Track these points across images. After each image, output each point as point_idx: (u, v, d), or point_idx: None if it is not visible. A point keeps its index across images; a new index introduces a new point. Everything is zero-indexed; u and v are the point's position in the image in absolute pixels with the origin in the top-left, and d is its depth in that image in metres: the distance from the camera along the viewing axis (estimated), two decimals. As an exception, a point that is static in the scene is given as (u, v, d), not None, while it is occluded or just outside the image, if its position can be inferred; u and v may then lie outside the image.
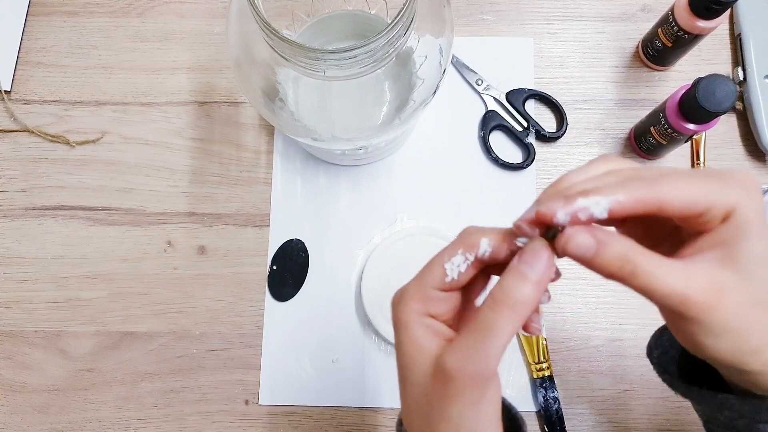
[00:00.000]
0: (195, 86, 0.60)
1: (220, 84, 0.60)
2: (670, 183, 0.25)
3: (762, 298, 0.26)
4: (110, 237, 0.57)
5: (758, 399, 0.30)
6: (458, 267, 0.29)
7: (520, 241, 0.27)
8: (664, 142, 0.53)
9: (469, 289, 0.31)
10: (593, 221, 0.26)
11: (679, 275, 0.25)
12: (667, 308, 0.26)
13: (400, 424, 0.32)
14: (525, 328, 0.29)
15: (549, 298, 0.29)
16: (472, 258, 0.29)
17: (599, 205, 0.25)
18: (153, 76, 0.61)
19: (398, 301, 0.29)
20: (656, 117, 0.52)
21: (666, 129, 0.51)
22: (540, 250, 0.27)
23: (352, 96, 0.51)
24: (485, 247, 0.28)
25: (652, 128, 0.53)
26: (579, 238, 0.26)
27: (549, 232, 0.27)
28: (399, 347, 0.29)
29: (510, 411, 0.35)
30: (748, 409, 0.30)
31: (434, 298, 0.29)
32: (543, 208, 0.26)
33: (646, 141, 0.55)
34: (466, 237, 0.29)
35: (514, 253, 0.28)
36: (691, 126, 0.49)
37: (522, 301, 0.26)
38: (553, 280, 0.28)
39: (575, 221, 0.26)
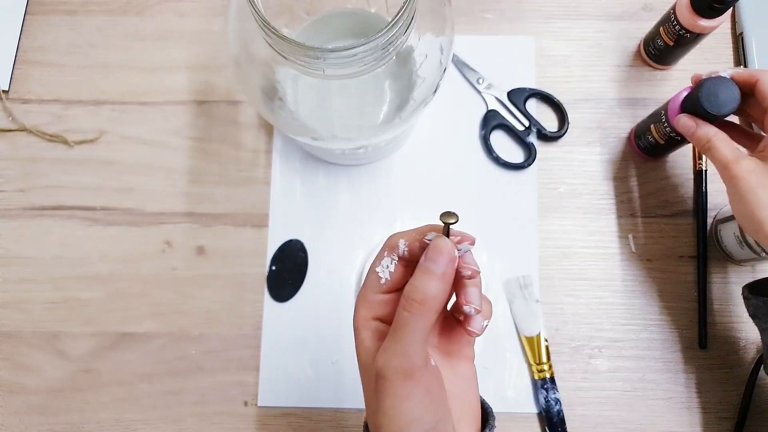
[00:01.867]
0: (194, 85, 0.60)
1: (219, 83, 0.60)
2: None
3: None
4: (108, 237, 0.57)
5: None
6: (387, 269, 0.32)
7: (428, 238, 0.30)
8: (663, 142, 0.52)
9: None
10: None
11: (732, 152, 0.43)
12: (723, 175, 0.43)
13: (365, 425, 0.34)
14: (465, 324, 0.31)
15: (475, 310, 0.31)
16: (396, 258, 0.32)
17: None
18: (151, 75, 0.60)
19: (354, 311, 0.32)
20: (657, 116, 0.52)
21: (666, 129, 0.51)
22: (440, 245, 0.29)
23: (352, 95, 0.50)
24: (402, 246, 0.31)
25: (652, 126, 0.53)
26: (683, 120, 0.46)
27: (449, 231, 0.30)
28: (356, 352, 0.32)
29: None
30: None
31: (377, 302, 0.32)
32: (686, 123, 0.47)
33: (645, 140, 0.55)
34: (388, 241, 0.32)
35: (423, 246, 0.31)
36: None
37: (430, 295, 0.28)
38: (470, 278, 0.30)
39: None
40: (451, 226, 0.30)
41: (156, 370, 0.54)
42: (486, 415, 0.34)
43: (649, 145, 0.55)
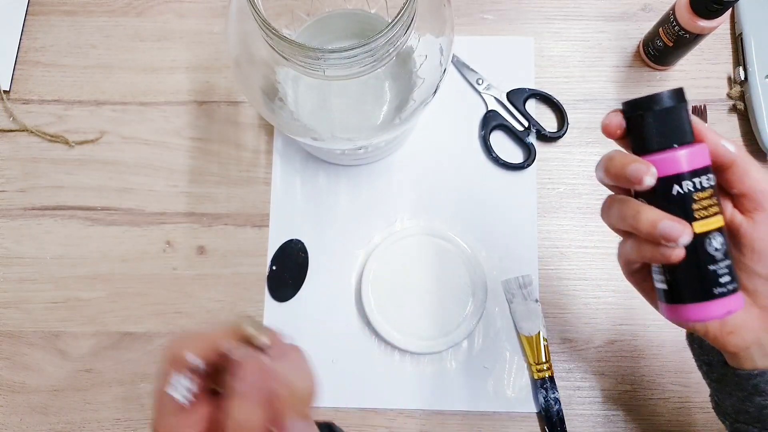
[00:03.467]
0: (194, 86, 0.60)
1: (220, 83, 0.60)
2: None
3: None
4: (109, 237, 0.57)
5: (745, 378, 0.33)
6: (182, 385, 0.27)
7: (226, 349, 0.27)
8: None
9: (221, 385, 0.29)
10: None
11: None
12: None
13: None
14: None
15: None
16: (190, 375, 0.27)
17: None
18: (152, 75, 0.61)
19: None
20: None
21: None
22: (248, 362, 0.26)
23: (352, 95, 0.50)
24: (193, 360, 0.27)
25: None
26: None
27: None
28: None
29: None
30: (741, 391, 0.33)
31: (181, 426, 0.27)
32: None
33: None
34: (170, 354, 0.28)
35: (224, 358, 0.27)
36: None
37: (252, 423, 0.25)
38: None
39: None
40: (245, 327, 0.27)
41: (157, 370, 0.54)
42: None
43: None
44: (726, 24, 0.60)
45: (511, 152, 0.59)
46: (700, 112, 0.58)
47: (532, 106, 0.60)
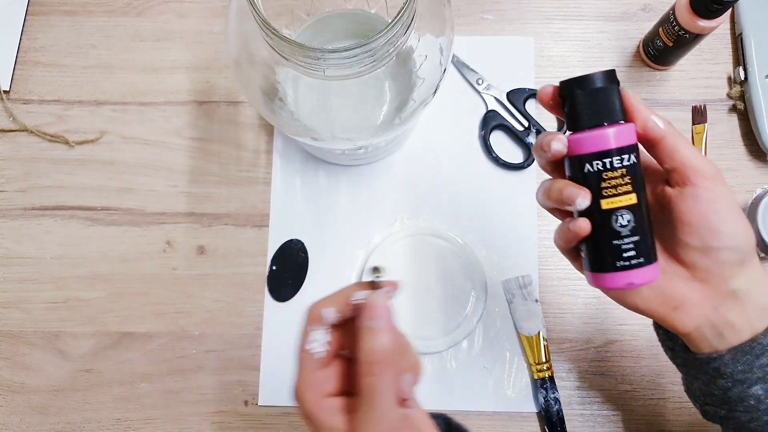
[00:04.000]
0: (194, 86, 0.60)
1: (220, 83, 0.60)
2: None
3: None
4: (109, 237, 0.57)
5: (749, 353, 0.33)
6: (320, 341, 0.31)
7: (357, 299, 0.31)
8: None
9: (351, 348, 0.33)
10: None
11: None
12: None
13: None
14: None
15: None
16: (328, 328, 0.32)
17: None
18: (152, 75, 0.61)
19: (297, 399, 0.31)
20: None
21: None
22: (374, 302, 0.30)
23: (352, 95, 0.50)
24: (331, 314, 0.31)
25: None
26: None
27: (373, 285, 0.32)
28: None
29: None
30: (740, 367, 0.34)
31: (321, 379, 0.31)
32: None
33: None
34: (311, 313, 0.32)
35: (356, 307, 0.31)
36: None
37: (386, 352, 0.29)
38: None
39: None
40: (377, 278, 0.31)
41: (157, 370, 0.55)
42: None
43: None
44: (726, 24, 0.60)
45: (511, 152, 0.59)
46: (701, 112, 0.58)
47: (532, 106, 0.60)
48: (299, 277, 0.56)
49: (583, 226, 0.33)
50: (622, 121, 0.33)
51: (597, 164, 0.33)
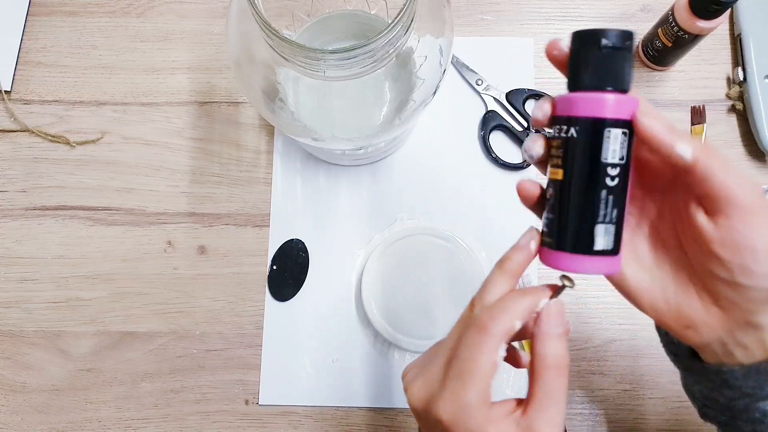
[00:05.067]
0: (195, 86, 0.60)
1: (220, 84, 0.60)
2: None
3: None
4: (110, 237, 0.57)
5: (764, 374, 0.32)
6: (502, 353, 0.31)
7: (540, 307, 0.32)
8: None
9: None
10: None
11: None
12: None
13: None
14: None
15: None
16: (507, 343, 0.32)
17: None
18: (153, 76, 0.61)
19: (462, 420, 0.30)
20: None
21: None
22: (559, 311, 0.32)
23: (352, 96, 0.51)
24: (519, 326, 0.31)
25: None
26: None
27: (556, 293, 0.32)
28: None
29: None
30: (752, 383, 0.32)
31: (490, 394, 0.31)
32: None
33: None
34: (501, 324, 0.31)
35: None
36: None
37: (566, 356, 0.31)
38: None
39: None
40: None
41: (157, 369, 0.55)
42: None
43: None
44: (725, 24, 0.60)
45: (511, 152, 0.59)
46: (700, 112, 0.58)
47: (532, 107, 0.60)
48: (300, 276, 0.56)
49: (531, 145, 0.32)
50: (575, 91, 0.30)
51: (551, 131, 0.31)
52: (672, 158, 0.29)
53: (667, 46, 0.55)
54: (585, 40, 0.30)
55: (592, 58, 0.30)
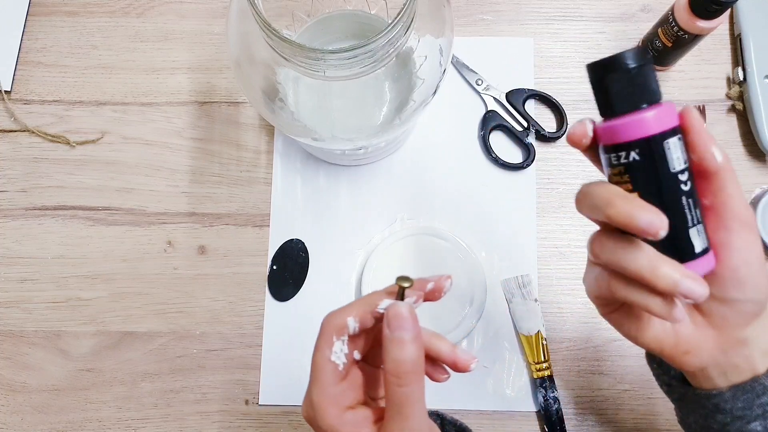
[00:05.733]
0: (195, 86, 0.60)
1: (220, 84, 0.60)
2: None
3: None
4: (110, 237, 0.57)
5: (750, 392, 0.32)
6: (342, 352, 0.31)
7: (381, 308, 0.31)
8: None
9: (371, 358, 0.33)
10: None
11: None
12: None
13: None
14: (458, 370, 0.32)
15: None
16: (346, 339, 0.31)
17: None
18: (153, 76, 0.61)
19: (313, 417, 0.30)
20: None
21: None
22: (400, 311, 0.30)
23: (352, 96, 0.51)
24: (353, 324, 0.31)
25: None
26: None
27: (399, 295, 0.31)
28: None
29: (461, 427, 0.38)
30: (740, 404, 0.33)
31: (340, 393, 0.31)
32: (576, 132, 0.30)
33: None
34: (332, 323, 0.31)
35: (378, 318, 0.31)
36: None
37: (414, 361, 0.29)
38: (435, 299, 0.32)
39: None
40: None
41: (158, 369, 0.55)
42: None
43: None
44: (725, 24, 0.60)
45: (511, 152, 0.59)
46: (700, 112, 0.58)
47: (532, 107, 0.60)
48: (300, 276, 0.56)
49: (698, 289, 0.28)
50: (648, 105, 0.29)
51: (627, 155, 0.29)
52: (705, 159, 0.29)
53: (667, 46, 0.55)
54: (608, 68, 0.31)
55: (625, 82, 0.30)
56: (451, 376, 0.34)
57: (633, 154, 0.29)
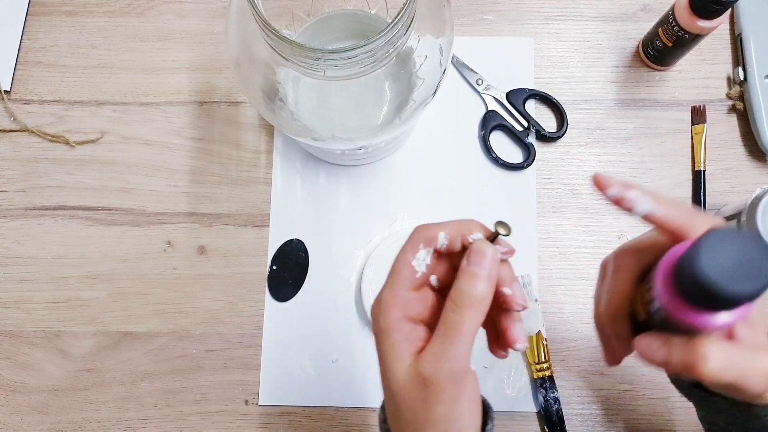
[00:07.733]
0: (195, 86, 0.60)
1: (220, 84, 0.60)
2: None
3: None
4: (110, 237, 0.57)
5: (745, 406, 0.32)
6: (424, 261, 0.31)
7: (472, 238, 0.30)
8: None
9: (443, 291, 0.32)
10: (629, 210, 0.30)
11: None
12: None
13: (383, 421, 0.33)
14: (507, 344, 0.31)
15: (523, 306, 0.31)
16: (432, 251, 0.31)
17: (643, 205, 0.30)
18: (153, 75, 0.61)
19: (378, 311, 0.30)
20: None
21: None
22: (484, 249, 0.29)
23: (352, 96, 0.51)
24: (443, 240, 0.31)
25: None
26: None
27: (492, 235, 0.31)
28: (381, 355, 0.30)
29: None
30: (739, 414, 0.32)
31: (410, 300, 0.30)
32: (601, 180, 0.30)
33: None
34: (424, 232, 0.31)
35: (465, 246, 0.30)
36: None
37: (478, 297, 0.28)
38: (519, 310, 0.31)
39: (618, 202, 0.30)
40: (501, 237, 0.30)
41: (157, 369, 0.55)
42: (485, 409, 0.33)
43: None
44: (725, 24, 0.60)
45: (511, 152, 0.59)
46: (700, 112, 0.58)
47: (532, 107, 0.60)
48: (299, 277, 0.56)
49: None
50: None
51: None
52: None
53: (667, 45, 0.55)
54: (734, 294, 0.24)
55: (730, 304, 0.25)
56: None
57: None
